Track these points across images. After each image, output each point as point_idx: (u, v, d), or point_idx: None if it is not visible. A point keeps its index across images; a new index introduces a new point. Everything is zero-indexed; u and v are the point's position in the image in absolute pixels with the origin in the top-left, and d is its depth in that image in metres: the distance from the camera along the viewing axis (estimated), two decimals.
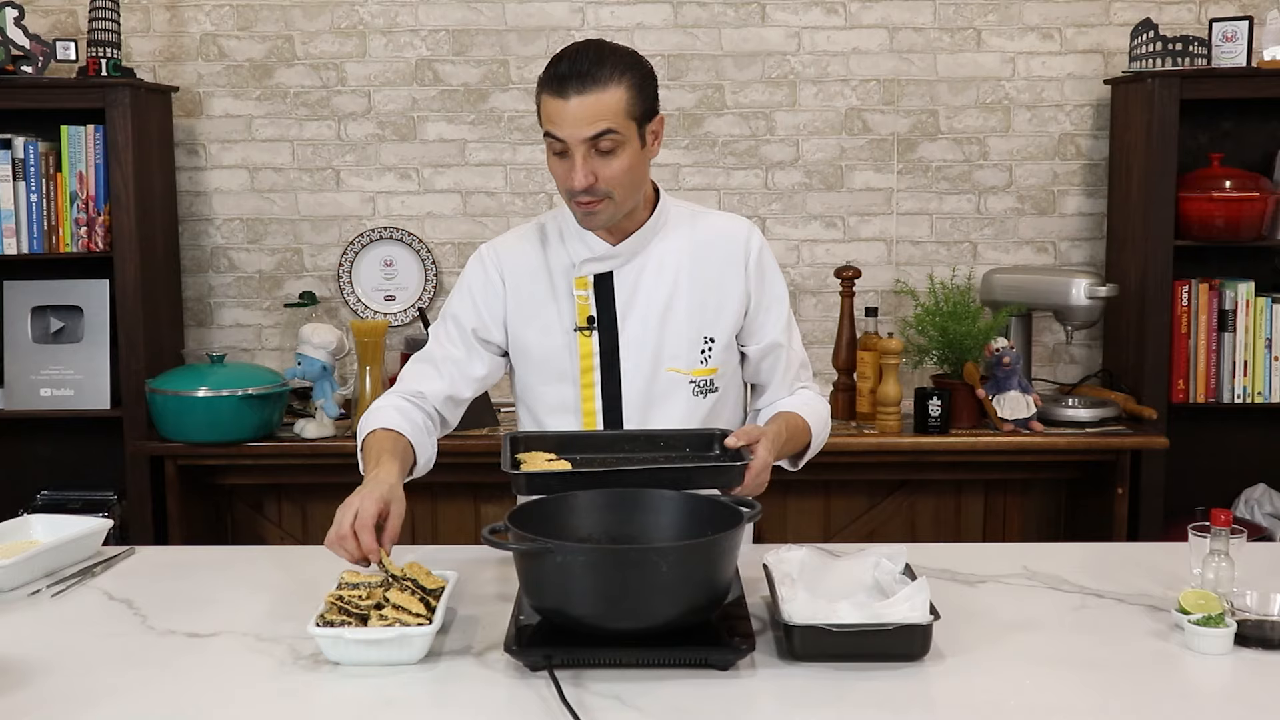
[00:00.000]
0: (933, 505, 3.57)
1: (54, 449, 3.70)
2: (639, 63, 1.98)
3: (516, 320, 2.11)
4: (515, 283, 2.11)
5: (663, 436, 2.01)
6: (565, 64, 1.93)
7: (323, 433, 3.33)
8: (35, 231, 3.44)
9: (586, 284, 2.08)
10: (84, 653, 1.72)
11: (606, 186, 1.96)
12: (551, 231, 2.13)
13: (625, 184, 1.98)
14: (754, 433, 1.94)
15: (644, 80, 1.97)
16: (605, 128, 1.92)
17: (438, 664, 1.67)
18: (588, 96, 1.91)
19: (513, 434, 2.00)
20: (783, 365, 2.16)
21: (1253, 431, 3.68)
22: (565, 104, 1.91)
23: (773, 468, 2.19)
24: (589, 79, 1.91)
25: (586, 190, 1.95)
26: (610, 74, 1.92)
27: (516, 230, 2.18)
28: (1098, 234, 3.77)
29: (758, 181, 3.75)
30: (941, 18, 3.71)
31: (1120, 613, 1.86)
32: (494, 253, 2.14)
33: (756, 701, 1.56)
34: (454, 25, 3.71)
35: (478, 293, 2.12)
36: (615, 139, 1.93)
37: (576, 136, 1.92)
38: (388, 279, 3.74)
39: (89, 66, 3.42)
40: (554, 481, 1.85)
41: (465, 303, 2.13)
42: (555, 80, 1.92)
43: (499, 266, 2.12)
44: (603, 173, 1.95)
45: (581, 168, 1.93)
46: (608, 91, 1.91)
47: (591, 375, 2.08)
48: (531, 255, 2.12)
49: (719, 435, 1.99)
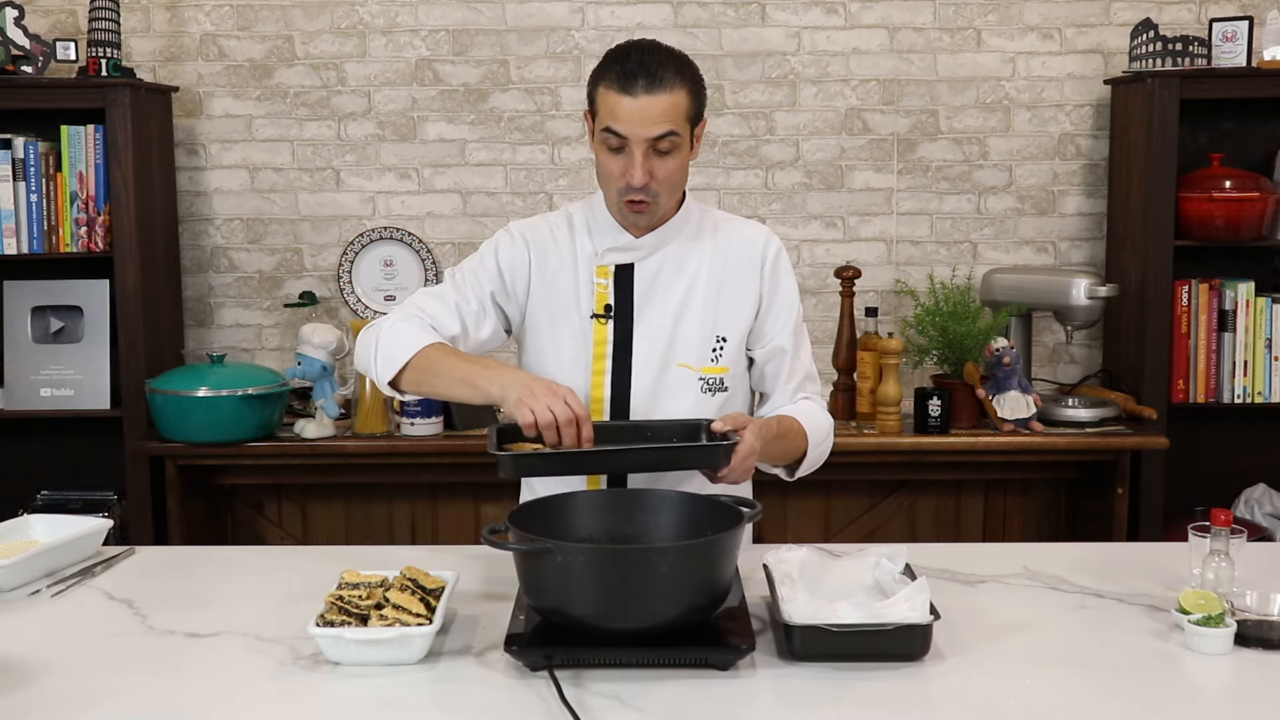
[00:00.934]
0: (933, 505, 3.57)
1: (54, 449, 3.70)
2: (694, 68, 2.03)
3: (537, 299, 2.12)
4: (541, 263, 2.12)
5: (649, 427, 2.01)
6: (633, 61, 1.95)
7: (323, 433, 3.33)
8: (35, 231, 3.44)
9: (607, 273, 2.10)
10: (84, 653, 1.73)
11: (657, 186, 1.99)
12: (579, 221, 2.14)
13: (673, 185, 2.02)
14: (740, 418, 1.94)
15: (699, 86, 2.02)
16: (669, 129, 1.96)
17: (438, 664, 1.67)
18: (655, 96, 1.94)
19: (499, 425, 2.00)
20: (786, 372, 2.15)
21: (1253, 431, 3.68)
22: (633, 101, 1.94)
23: (767, 474, 2.20)
24: (657, 80, 1.94)
25: (642, 188, 1.98)
26: (675, 76, 1.96)
27: (544, 215, 2.20)
28: (1098, 234, 3.78)
29: (758, 181, 3.75)
30: (941, 18, 3.71)
31: (1120, 613, 1.86)
32: (523, 230, 2.15)
33: (756, 701, 1.56)
34: (454, 25, 3.71)
35: (504, 260, 2.13)
36: (674, 140, 1.97)
37: (641, 135, 1.95)
38: (388, 279, 3.74)
39: (89, 66, 3.42)
40: (539, 462, 1.85)
41: (490, 265, 2.13)
42: (624, 77, 1.94)
43: (527, 244, 2.13)
44: (658, 172, 1.98)
45: (641, 166, 1.96)
46: (673, 93, 1.95)
47: (604, 363, 2.09)
48: (560, 239, 2.13)
49: (706, 424, 1.98)
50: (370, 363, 2.05)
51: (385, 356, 2.02)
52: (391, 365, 2.01)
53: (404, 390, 2.04)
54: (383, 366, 2.02)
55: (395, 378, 2.01)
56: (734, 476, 1.90)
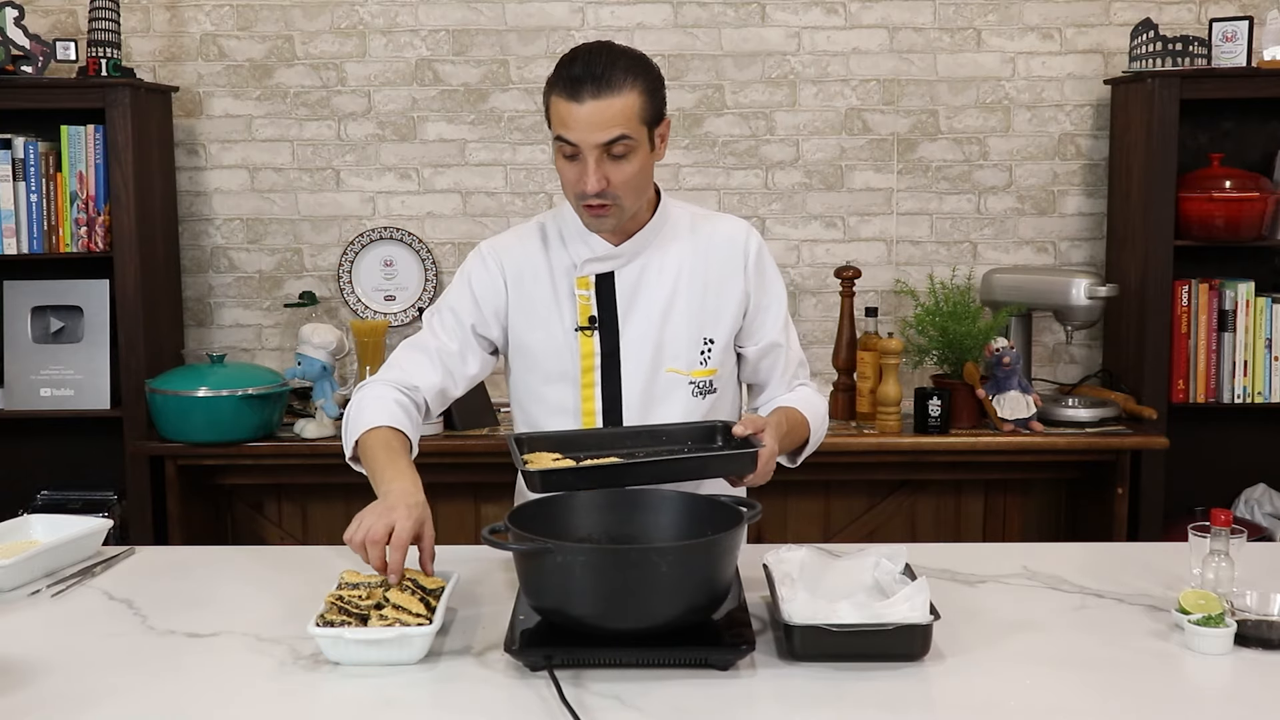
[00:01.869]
0: (933, 505, 3.57)
1: (54, 449, 3.70)
2: (650, 67, 1.98)
3: (518, 320, 2.10)
4: (517, 282, 2.10)
5: (664, 431, 2.01)
6: (579, 66, 1.91)
7: (323, 433, 3.33)
8: (35, 231, 3.44)
9: (588, 284, 2.08)
10: (84, 653, 1.72)
11: (616, 191, 1.96)
12: (552, 231, 2.12)
13: (634, 188, 1.98)
14: (759, 421, 1.93)
15: (655, 85, 1.97)
16: (619, 133, 1.92)
17: (438, 664, 1.67)
18: (602, 101, 1.90)
19: (516, 435, 2.00)
20: (781, 364, 2.17)
21: (1253, 431, 3.68)
22: (579, 107, 1.90)
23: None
24: (604, 83, 1.90)
25: (598, 194, 1.95)
26: (624, 79, 1.91)
27: (515, 230, 2.17)
28: (1098, 234, 3.78)
29: (758, 181, 3.75)
30: (941, 18, 3.71)
31: (1120, 613, 1.86)
32: (495, 251, 2.12)
33: (756, 701, 1.56)
34: (454, 25, 3.71)
35: (478, 288, 2.11)
36: (628, 144, 1.93)
37: (590, 141, 1.91)
38: (388, 279, 3.74)
39: (89, 66, 3.41)
40: (570, 478, 1.85)
41: (465, 297, 2.12)
42: (569, 83, 1.91)
43: (500, 265, 2.11)
44: (614, 177, 1.95)
45: (594, 172, 1.93)
46: (621, 96, 1.91)
47: (592, 375, 2.08)
48: (533, 255, 2.11)
49: (721, 427, 1.99)
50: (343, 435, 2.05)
51: (347, 434, 2.02)
52: (348, 445, 2.02)
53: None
54: (347, 444, 2.03)
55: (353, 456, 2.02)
56: (758, 481, 1.91)
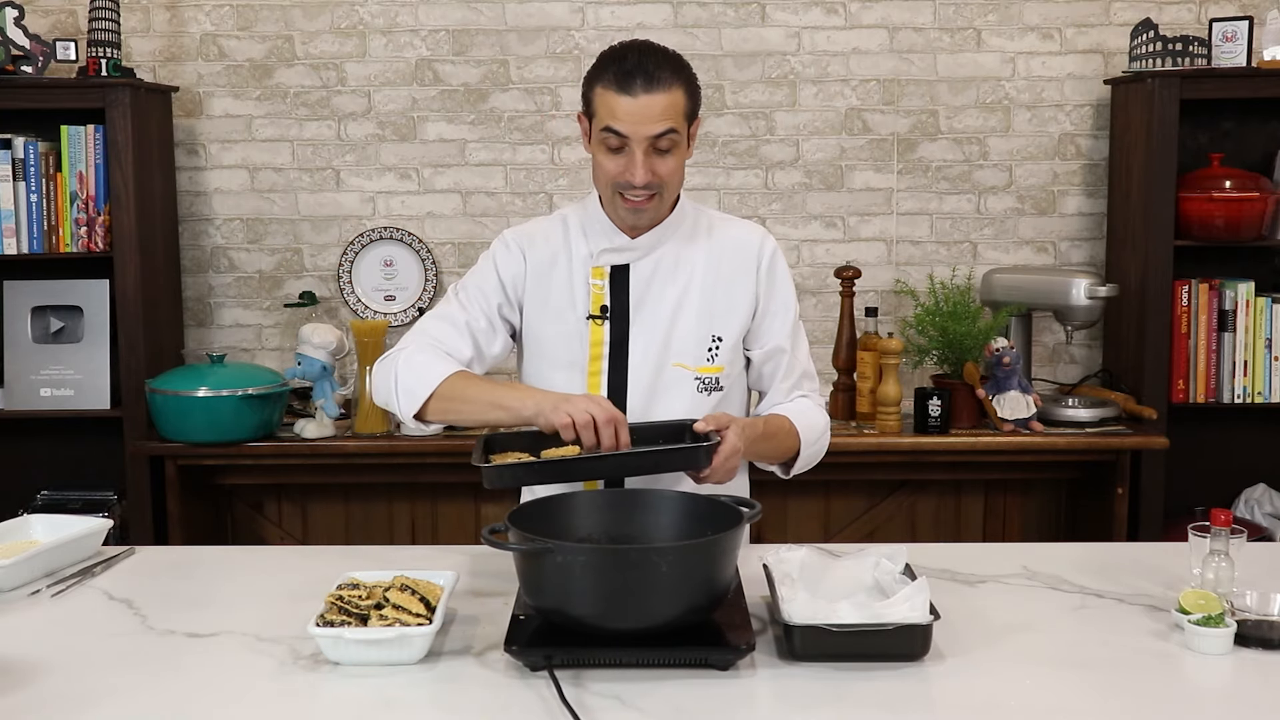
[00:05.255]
0: (933, 505, 3.57)
1: (54, 449, 3.70)
2: (688, 66, 2.05)
3: (533, 304, 2.13)
4: (537, 268, 2.14)
5: (635, 429, 2.00)
6: (631, 61, 1.97)
7: (323, 433, 3.33)
8: (35, 231, 3.44)
9: (603, 274, 2.11)
10: (84, 653, 1.72)
11: (660, 183, 2.02)
12: (574, 223, 2.16)
13: (675, 182, 2.06)
14: (723, 419, 1.95)
15: (695, 85, 2.05)
16: (669, 126, 1.98)
17: (438, 664, 1.67)
18: (655, 95, 1.96)
19: (486, 435, 2.02)
20: (783, 371, 2.17)
21: (1253, 431, 3.68)
22: (633, 100, 1.96)
23: (766, 473, 2.20)
24: (655, 79, 1.96)
25: (645, 186, 2.00)
26: (672, 75, 1.99)
27: (538, 220, 2.22)
28: (1098, 234, 3.77)
29: (758, 181, 3.75)
30: (941, 18, 3.71)
31: (1120, 613, 1.86)
32: (519, 238, 2.17)
33: (756, 701, 1.56)
34: (454, 25, 3.71)
35: (504, 271, 2.14)
36: (674, 138, 2.00)
37: (641, 133, 1.97)
38: (388, 279, 3.74)
39: (89, 66, 3.41)
40: (522, 472, 1.85)
41: (491, 278, 2.15)
42: (622, 76, 1.97)
43: (522, 250, 2.15)
44: (659, 170, 2.01)
45: (643, 164, 1.99)
46: (671, 92, 1.98)
47: (600, 364, 2.10)
48: (554, 242, 2.15)
49: (690, 424, 1.99)
50: (391, 396, 2.04)
51: (406, 390, 2.02)
52: (414, 398, 2.01)
53: (429, 420, 2.04)
54: (405, 400, 2.02)
55: (420, 410, 2.01)
56: (716, 477, 1.91)
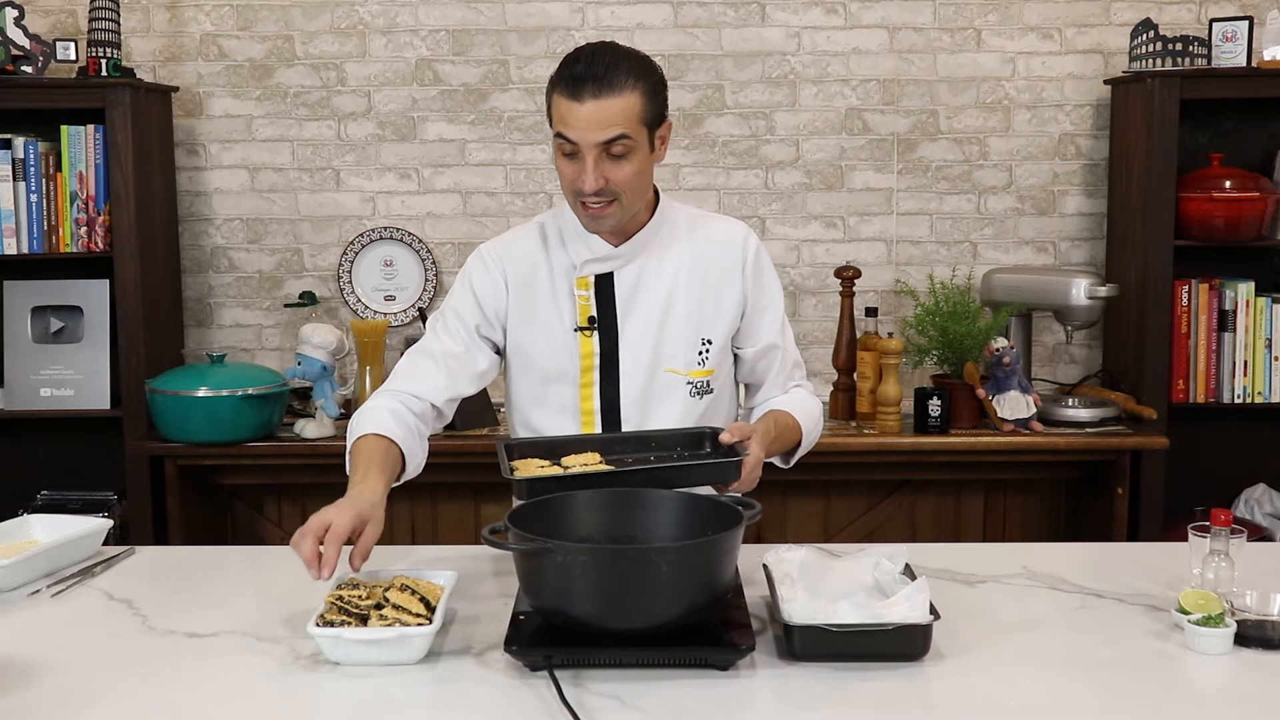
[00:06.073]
0: (933, 505, 3.57)
1: (54, 449, 3.70)
2: (652, 69, 1.99)
3: (517, 320, 2.11)
4: (517, 283, 2.11)
5: (654, 437, 2.02)
6: (581, 66, 1.93)
7: (323, 433, 3.33)
8: (35, 231, 3.44)
9: (588, 284, 2.09)
10: (84, 653, 1.72)
11: (614, 190, 1.97)
12: (551, 232, 2.13)
13: (633, 188, 1.99)
14: (745, 429, 1.96)
15: (656, 86, 1.99)
16: (619, 133, 1.93)
17: (438, 664, 1.67)
18: (603, 101, 1.91)
19: (505, 441, 2.01)
20: (777, 365, 2.18)
21: (1253, 431, 3.68)
22: (580, 106, 1.92)
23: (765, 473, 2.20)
24: (605, 83, 1.91)
25: (596, 193, 1.96)
26: (625, 79, 1.93)
27: (515, 230, 2.18)
28: (1098, 234, 3.77)
29: (758, 181, 3.75)
30: (941, 18, 3.71)
31: (1120, 613, 1.86)
32: (495, 253, 2.13)
33: (756, 701, 1.56)
34: (454, 25, 3.71)
35: (480, 290, 2.12)
36: (627, 144, 1.95)
37: (589, 140, 1.93)
38: (388, 279, 3.74)
39: (89, 66, 3.41)
40: (555, 484, 1.85)
41: (467, 299, 2.13)
42: (570, 82, 1.93)
43: (501, 266, 2.12)
44: (612, 176, 1.96)
45: (592, 171, 1.94)
46: (622, 97, 1.92)
47: (591, 375, 2.09)
48: (533, 255, 2.12)
49: (709, 434, 2.01)
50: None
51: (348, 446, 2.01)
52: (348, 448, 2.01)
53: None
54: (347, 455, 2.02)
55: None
56: (743, 488, 1.92)
